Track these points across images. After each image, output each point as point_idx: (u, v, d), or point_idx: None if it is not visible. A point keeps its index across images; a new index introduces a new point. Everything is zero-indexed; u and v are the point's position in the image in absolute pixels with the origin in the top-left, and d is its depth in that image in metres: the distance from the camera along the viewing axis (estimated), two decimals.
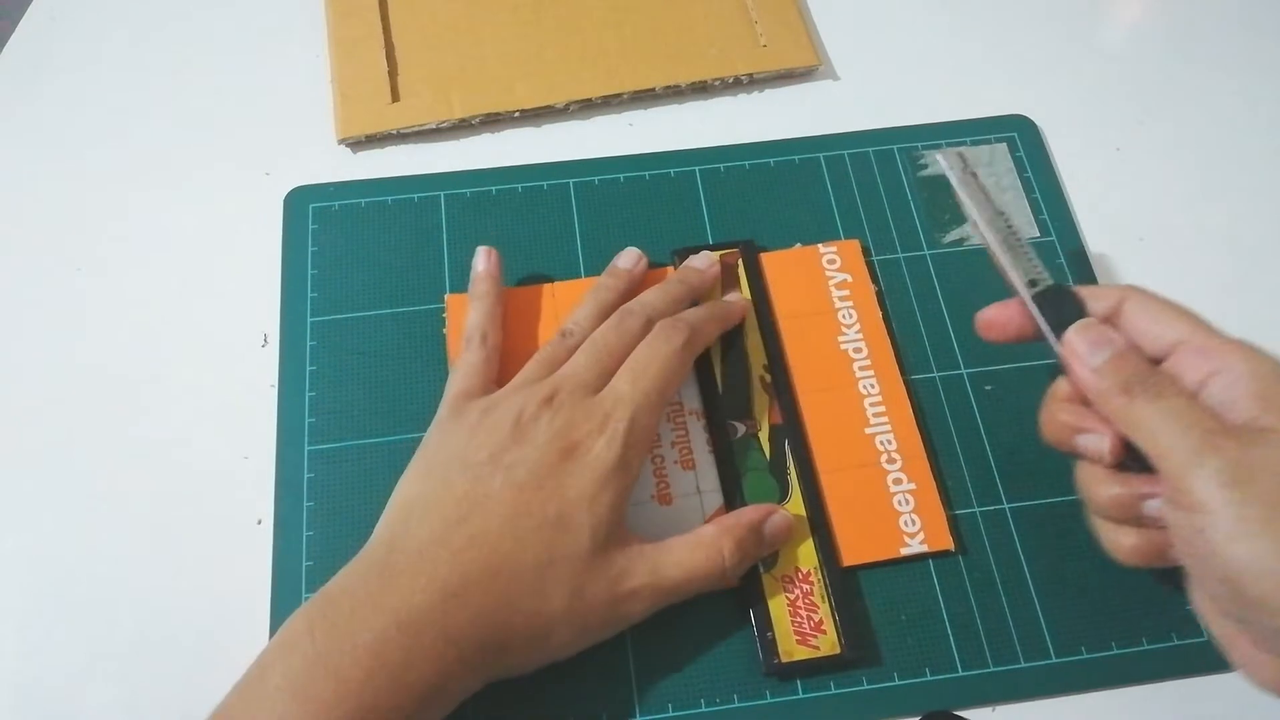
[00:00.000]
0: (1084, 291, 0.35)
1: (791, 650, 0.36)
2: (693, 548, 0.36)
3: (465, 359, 0.40)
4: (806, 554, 0.38)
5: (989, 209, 0.37)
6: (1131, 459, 0.33)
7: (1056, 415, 0.35)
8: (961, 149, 0.38)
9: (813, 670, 0.36)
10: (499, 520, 0.34)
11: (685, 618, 0.36)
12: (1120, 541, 0.33)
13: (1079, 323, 0.34)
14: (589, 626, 0.34)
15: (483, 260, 0.42)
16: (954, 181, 0.38)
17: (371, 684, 0.30)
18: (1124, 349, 0.33)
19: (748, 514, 0.37)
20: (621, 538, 0.35)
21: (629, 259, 0.43)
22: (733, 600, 0.37)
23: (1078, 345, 0.33)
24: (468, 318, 0.41)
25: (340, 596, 0.32)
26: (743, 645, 0.37)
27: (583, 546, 0.34)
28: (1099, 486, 0.33)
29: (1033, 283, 0.36)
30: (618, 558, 0.35)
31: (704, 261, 0.43)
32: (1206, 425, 0.30)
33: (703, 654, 0.37)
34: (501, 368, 0.40)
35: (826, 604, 0.37)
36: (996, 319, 0.37)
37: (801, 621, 0.36)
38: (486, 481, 0.34)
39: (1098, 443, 0.33)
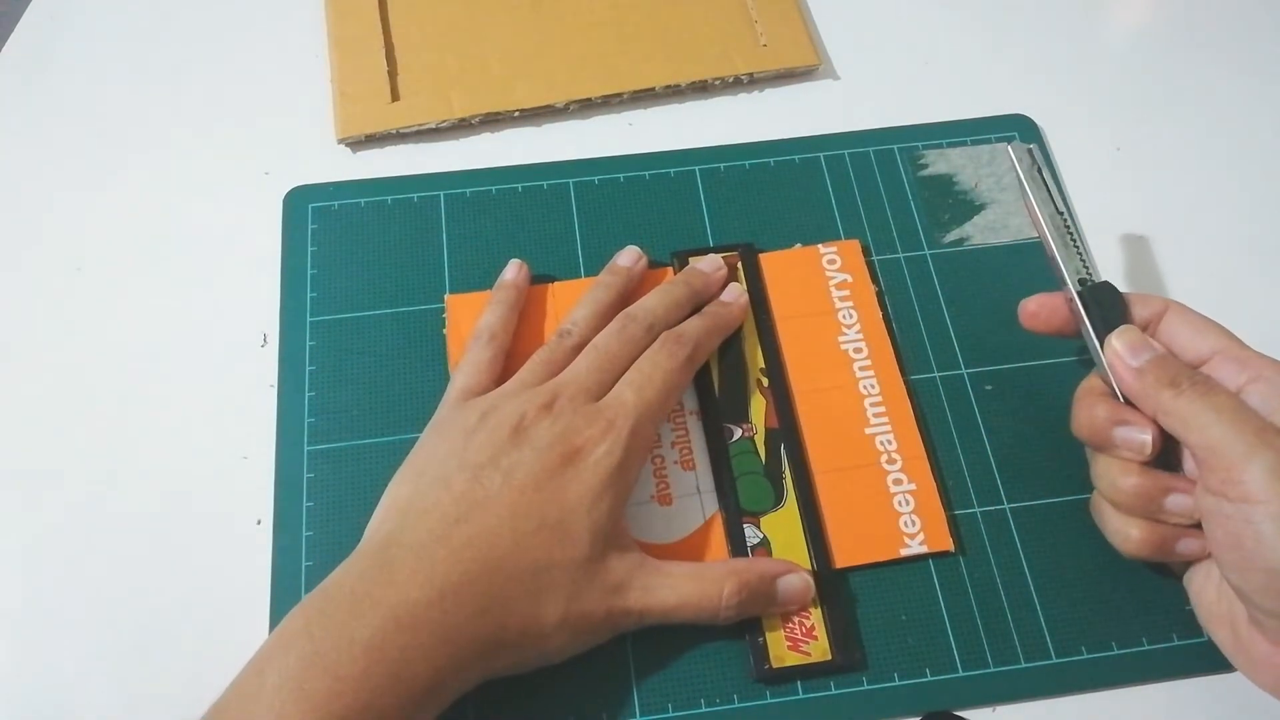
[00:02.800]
0: (1129, 297, 0.37)
1: (782, 656, 0.36)
2: (693, 578, 0.35)
3: (470, 357, 0.40)
4: (800, 560, 0.38)
5: (1051, 206, 0.38)
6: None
7: (1093, 408, 0.36)
8: (1032, 146, 0.40)
9: (803, 676, 0.36)
10: (497, 521, 0.34)
11: None
12: (1128, 533, 0.35)
13: (1120, 329, 0.35)
14: (582, 631, 0.34)
15: (512, 271, 0.43)
16: (1021, 175, 0.39)
17: (369, 681, 0.30)
18: (1164, 353, 0.34)
19: (764, 564, 0.37)
20: (622, 545, 0.35)
21: (629, 257, 0.43)
22: None
23: (1118, 347, 0.35)
24: (481, 317, 0.41)
25: (337, 593, 0.32)
26: (743, 646, 0.37)
27: (581, 552, 0.34)
28: (1122, 477, 0.34)
29: (1081, 281, 0.37)
30: (616, 566, 0.35)
31: (710, 265, 0.43)
32: (1257, 422, 0.31)
33: (703, 654, 0.37)
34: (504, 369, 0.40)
35: (819, 610, 0.37)
36: (1040, 310, 0.38)
37: (794, 627, 0.36)
38: (486, 483, 0.34)
39: (1139, 435, 0.34)
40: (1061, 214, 0.38)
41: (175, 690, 0.36)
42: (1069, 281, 0.37)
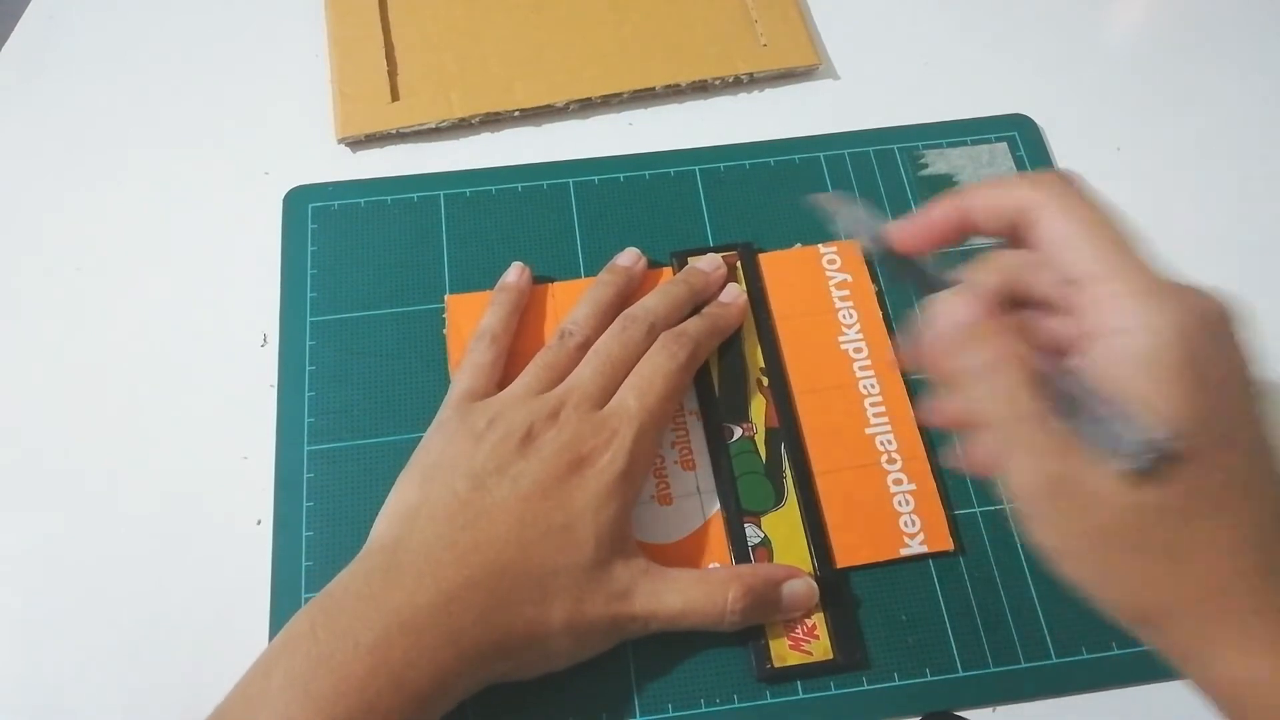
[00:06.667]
0: (981, 195, 0.30)
1: (784, 656, 0.36)
2: (698, 583, 0.36)
3: (473, 359, 0.40)
4: (801, 560, 0.38)
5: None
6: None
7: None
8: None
9: (805, 675, 0.36)
10: (504, 527, 0.34)
11: None
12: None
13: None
14: (586, 636, 0.34)
15: (514, 274, 0.43)
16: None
17: (373, 683, 0.30)
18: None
19: (768, 569, 0.37)
20: (627, 551, 0.35)
21: (629, 258, 0.43)
22: None
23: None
24: (482, 318, 0.41)
25: (343, 596, 0.32)
26: (743, 647, 0.37)
27: (586, 557, 0.34)
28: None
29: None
30: (621, 573, 0.35)
31: (710, 264, 0.43)
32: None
33: (703, 654, 0.37)
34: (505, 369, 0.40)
35: (820, 610, 0.37)
36: (916, 229, 0.32)
37: (795, 627, 0.36)
38: (493, 490, 0.35)
39: None
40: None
41: (175, 690, 0.36)
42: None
